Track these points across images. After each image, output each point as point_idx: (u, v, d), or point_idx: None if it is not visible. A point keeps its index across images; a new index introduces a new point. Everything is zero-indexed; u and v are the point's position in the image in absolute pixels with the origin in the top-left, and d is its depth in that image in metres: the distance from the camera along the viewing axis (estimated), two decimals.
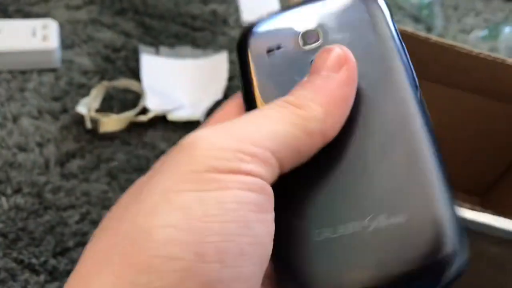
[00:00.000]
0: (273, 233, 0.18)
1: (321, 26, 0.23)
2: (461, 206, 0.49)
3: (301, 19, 0.24)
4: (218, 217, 0.16)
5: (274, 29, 0.24)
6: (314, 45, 0.23)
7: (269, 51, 0.23)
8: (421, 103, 0.21)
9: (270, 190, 0.18)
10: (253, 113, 0.19)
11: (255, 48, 0.23)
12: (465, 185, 0.58)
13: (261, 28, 0.24)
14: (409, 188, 0.19)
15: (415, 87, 0.21)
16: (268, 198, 0.18)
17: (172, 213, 0.16)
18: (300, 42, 0.23)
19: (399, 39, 0.22)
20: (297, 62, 0.23)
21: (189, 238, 0.16)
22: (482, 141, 0.53)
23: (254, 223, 0.17)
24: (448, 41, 0.44)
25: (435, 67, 0.47)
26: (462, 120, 0.52)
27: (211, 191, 0.17)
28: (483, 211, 0.39)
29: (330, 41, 0.23)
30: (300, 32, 0.23)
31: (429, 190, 0.19)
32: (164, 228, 0.16)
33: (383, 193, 0.19)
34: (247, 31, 0.24)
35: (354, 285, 0.18)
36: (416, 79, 0.22)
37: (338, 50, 0.20)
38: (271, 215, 0.18)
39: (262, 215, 0.17)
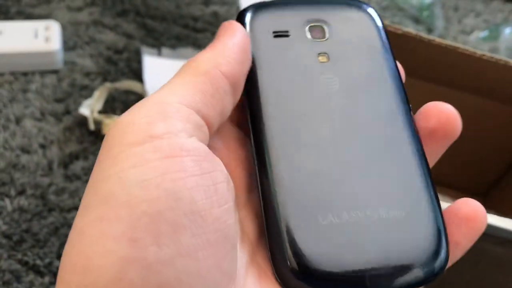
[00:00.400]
0: (213, 194, 0.17)
1: (326, 23, 0.25)
2: None
3: (307, 11, 0.25)
4: (142, 196, 0.16)
5: (281, 13, 0.25)
6: (320, 40, 0.24)
7: (276, 34, 0.24)
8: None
9: (195, 145, 0.18)
10: (168, 84, 0.20)
11: (260, 26, 0.24)
12: (467, 185, 0.58)
13: (268, 9, 0.25)
14: (410, 188, 0.21)
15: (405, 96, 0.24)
16: (196, 157, 0.17)
17: (99, 206, 0.16)
18: (308, 34, 0.24)
19: (390, 49, 0.25)
20: (304, 51, 0.24)
21: (119, 227, 0.15)
22: (484, 142, 0.54)
23: (184, 192, 0.16)
24: (450, 42, 0.44)
25: (438, 68, 0.48)
26: (464, 121, 0.52)
27: (130, 168, 0.16)
28: (486, 211, 0.39)
29: (335, 40, 0.24)
30: (308, 24, 0.24)
31: (426, 192, 0.22)
32: (94, 223, 0.16)
33: (386, 188, 0.21)
34: (253, 7, 0.25)
35: (354, 268, 0.19)
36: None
37: (226, 23, 0.22)
38: (203, 175, 0.17)
39: (191, 179, 0.17)
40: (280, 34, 0.24)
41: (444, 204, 0.23)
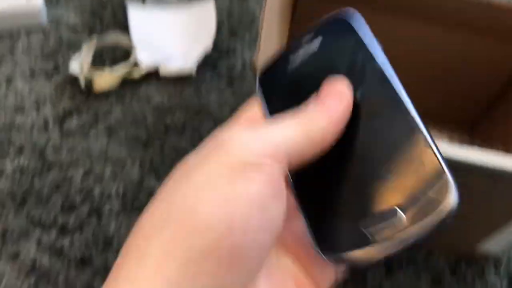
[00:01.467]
0: (283, 213, 0.23)
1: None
2: (450, 137, 0.51)
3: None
4: (244, 201, 0.21)
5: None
6: None
7: None
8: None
9: (281, 182, 0.23)
10: (274, 122, 0.24)
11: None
12: (454, 117, 0.60)
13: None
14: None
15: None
16: (279, 189, 0.23)
17: (212, 193, 0.21)
18: None
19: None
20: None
21: (222, 213, 0.21)
22: (469, 75, 0.54)
23: (269, 206, 0.22)
24: None
25: (422, 6, 0.48)
26: (449, 55, 0.53)
27: (241, 180, 0.22)
28: (471, 142, 0.41)
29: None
30: None
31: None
32: (206, 204, 0.21)
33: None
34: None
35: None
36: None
37: (341, 86, 0.25)
38: (282, 201, 0.23)
39: (275, 201, 0.23)
40: None
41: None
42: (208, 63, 0.62)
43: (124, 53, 0.63)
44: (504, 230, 0.47)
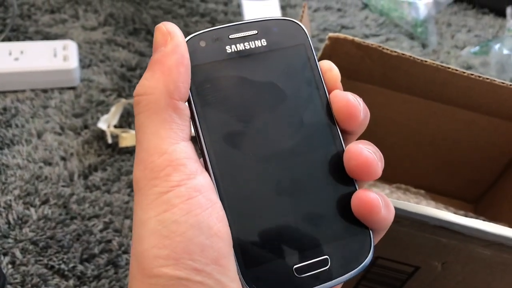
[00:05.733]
0: (219, 215, 0.24)
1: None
2: (455, 213, 0.53)
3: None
4: (177, 231, 0.23)
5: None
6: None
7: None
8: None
9: (202, 181, 0.25)
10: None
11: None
12: (459, 194, 0.62)
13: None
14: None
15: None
16: (205, 193, 0.25)
17: (149, 238, 0.23)
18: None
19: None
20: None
21: (165, 251, 0.23)
22: (474, 153, 0.58)
23: (203, 222, 0.24)
24: (440, 63, 0.49)
25: (430, 86, 0.52)
26: (455, 133, 0.57)
27: (163, 212, 0.23)
28: (476, 217, 0.43)
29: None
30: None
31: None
32: (150, 249, 0.23)
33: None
34: None
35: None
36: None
37: (161, 27, 0.26)
38: (213, 205, 0.24)
39: (206, 212, 0.24)
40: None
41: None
42: None
43: None
44: None
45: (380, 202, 0.26)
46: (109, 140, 0.62)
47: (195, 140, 0.26)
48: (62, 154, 0.62)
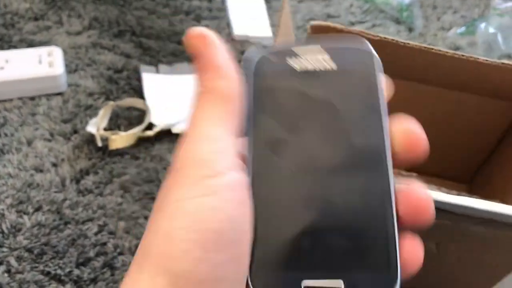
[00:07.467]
0: (250, 218, 0.24)
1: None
2: (449, 193, 0.53)
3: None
4: (213, 217, 0.23)
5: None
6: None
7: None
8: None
9: (244, 180, 0.25)
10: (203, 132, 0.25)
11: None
12: (452, 174, 0.62)
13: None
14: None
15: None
16: (243, 187, 0.24)
17: (183, 218, 0.23)
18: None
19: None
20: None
21: (195, 235, 0.22)
22: (465, 133, 0.58)
23: (239, 217, 0.23)
24: (423, 44, 0.48)
25: (416, 68, 0.52)
26: (444, 114, 0.57)
27: (204, 196, 0.23)
28: (470, 197, 0.43)
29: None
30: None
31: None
32: (179, 230, 0.22)
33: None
34: None
35: None
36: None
37: (191, 33, 0.28)
38: (248, 203, 0.24)
39: (242, 208, 0.24)
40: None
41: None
42: None
43: (138, 116, 0.66)
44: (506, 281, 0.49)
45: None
46: (99, 143, 0.62)
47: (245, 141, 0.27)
48: (53, 160, 0.62)
